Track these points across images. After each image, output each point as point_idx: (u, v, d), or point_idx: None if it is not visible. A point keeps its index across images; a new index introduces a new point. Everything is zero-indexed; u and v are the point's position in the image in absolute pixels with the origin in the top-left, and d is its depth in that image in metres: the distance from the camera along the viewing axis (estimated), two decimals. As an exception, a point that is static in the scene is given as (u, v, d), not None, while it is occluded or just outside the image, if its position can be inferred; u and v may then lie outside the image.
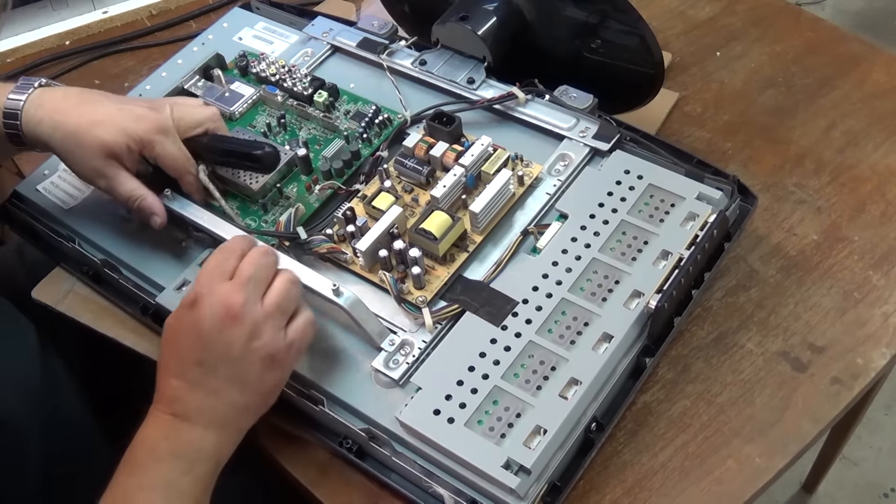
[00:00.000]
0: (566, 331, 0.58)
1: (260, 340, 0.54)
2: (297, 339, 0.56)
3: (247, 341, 0.53)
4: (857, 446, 1.34)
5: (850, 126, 0.79)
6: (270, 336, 0.54)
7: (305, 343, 0.57)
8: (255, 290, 0.54)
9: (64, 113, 0.63)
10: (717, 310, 0.67)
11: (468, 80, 0.75)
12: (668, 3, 0.95)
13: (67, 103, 0.63)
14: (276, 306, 0.55)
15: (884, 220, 0.72)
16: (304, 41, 0.83)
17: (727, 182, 0.65)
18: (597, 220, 0.63)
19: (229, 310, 0.53)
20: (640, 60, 0.72)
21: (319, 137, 0.74)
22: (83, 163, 0.63)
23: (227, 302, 0.53)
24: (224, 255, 0.56)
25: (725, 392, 0.62)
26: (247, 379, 0.54)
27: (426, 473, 0.56)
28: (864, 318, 0.65)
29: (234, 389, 0.54)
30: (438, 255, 0.63)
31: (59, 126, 0.63)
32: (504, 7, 0.74)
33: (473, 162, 0.67)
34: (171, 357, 0.55)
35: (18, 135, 0.64)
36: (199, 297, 0.54)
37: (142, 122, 0.63)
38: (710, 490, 0.58)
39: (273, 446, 0.62)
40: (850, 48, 0.87)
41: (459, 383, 0.56)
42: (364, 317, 0.59)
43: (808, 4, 2.01)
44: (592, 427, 0.56)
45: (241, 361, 0.53)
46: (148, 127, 0.63)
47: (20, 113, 0.63)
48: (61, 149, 0.63)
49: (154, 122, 0.63)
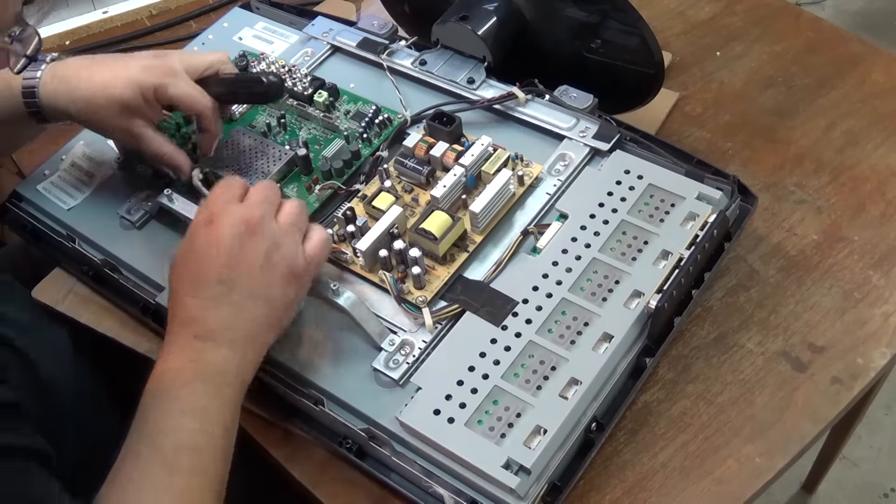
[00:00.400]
0: (566, 331, 0.58)
1: (280, 254, 0.55)
2: (315, 255, 0.57)
3: (267, 255, 0.54)
4: (857, 446, 1.34)
5: (850, 126, 0.79)
6: (290, 250, 0.55)
7: (323, 258, 0.58)
8: (269, 209, 0.56)
9: (76, 80, 0.64)
10: (717, 310, 0.67)
11: (468, 80, 0.75)
12: (668, 3, 0.95)
13: (78, 71, 0.65)
14: (291, 224, 0.57)
15: (884, 220, 0.72)
16: (304, 41, 0.83)
17: (727, 182, 0.65)
18: (597, 219, 0.63)
19: (249, 225, 0.54)
20: (640, 60, 0.72)
21: (319, 137, 0.74)
22: (107, 124, 0.65)
23: (246, 217, 0.54)
24: (229, 184, 0.57)
25: (725, 392, 0.62)
26: (268, 293, 0.54)
27: (426, 473, 0.56)
28: (864, 318, 0.65)
29: (256, 305, 0.54)
30: (438, 255, 0.63)
31: (74, 94, 0.64)
32: (504, 7, 0.74)
33: (473, 162, 0.67)
34: (186, 278, 0.54)
35: (39, 111, 0.65)
36: (215, 216, 0.55)
37: (151, 71, 0.63)
38: (710, 490, 0.58)
39: (273, 446, 0.62)
40: (850, 48, 0.87)
41: (459, 383, 0.56)
42: (364, 317, 0.59)
43: (808, 4, 2.01)
44: (592, 427, 0.56)
45: (262, 276, 0.54)
46: (157, 73, 0.64)
47: (37, 91, 0.64)
48: (83, 116, 0.65)
49: (162, 67, 0.64)
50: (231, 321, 0.53)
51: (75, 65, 0.65)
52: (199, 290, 0.53)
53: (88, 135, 0.76)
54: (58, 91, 0.64)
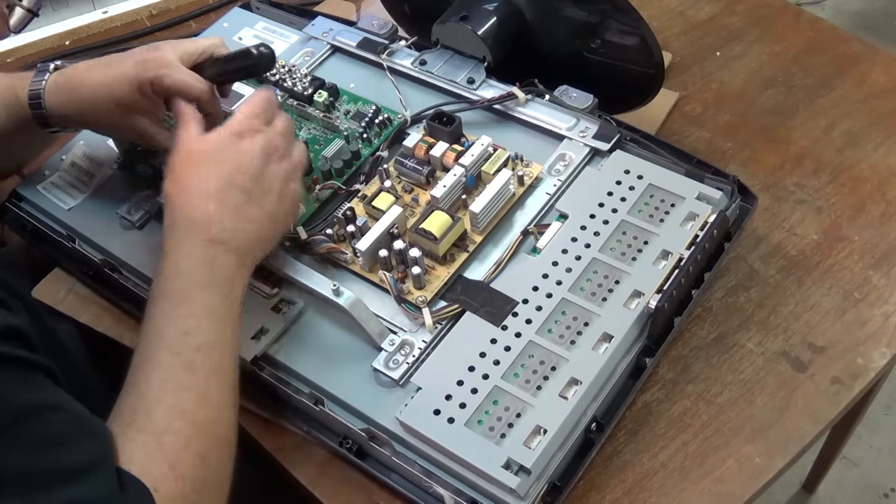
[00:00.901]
0: (566, 331, 0.58)
1: (294, 185, 0.60)
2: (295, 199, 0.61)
3: (285, 182, 0.58)
4: (857, 446, 1.34)
5: (850, 126, 0.79)
6: (298, 183, 0.60)
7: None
8: (290, 141, 0.61)
9: (78, 86, 0.65)
10: (717, 310, 0.67)
11: (468, 80, 0.75)
12: (668, 3, 0.95)
13: (79, 76, 0.65)
14: (301, 161, 0.61)
15: (884, 220, 0.72)
16: (304, 41, 0.83)
17: (727, 182, 0.65)
18: (597, 220, 0.63)
19: (278, 150, 0.58)
20: (640, 60, 0.72)
21: (319, 137, 0.74)
22: (113, 125, 0.66)
23: (276, 143, 0.59)
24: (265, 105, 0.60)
25: (725, 392, 0.62)
26: (277, 214, 0.58)
27: (426, 473, 0.56)
28: (864, 318, 0.65)
29: (267, 221, 0.57)
30: (438, 255, 0.63)
31: (77, 100, 0.65)
32: (504, 7, 0.74)
33: (473, 162, 0.67)
34: (210, 179, 0.56)
35: (46, 120, 0.66)
36: (249, 132, 0.58)
37: (145, 66, 0.64)
38: (710, 490, 0.58)
39: (273, 446, 0.62)
40: (850, 48, 0.87)
41: (459, 383, 0.56)
42: (364, 317, 0.59)
43: (808, 4, 2.01)
44: (592, 427, 0.56)
45: (278, 199, 0.58)
46: (151, 66, 0.64)
47: (42, 99, 0.65)
48: (88, 120, 0.66)
49: (155, 59, 0.64)
50: (243, 231, 0.55)
51: (77, 70, 0.66)
52: (223, 193, 0.55)
53: (88, 135, 0.76)
54: (61, 97, 0.65)
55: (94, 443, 0.46)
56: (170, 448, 0.48)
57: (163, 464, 0.47)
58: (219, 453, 0.50)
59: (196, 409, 0.50)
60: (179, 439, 0.48)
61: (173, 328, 0.52)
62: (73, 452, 0.45)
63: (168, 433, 0.48)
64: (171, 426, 0.49)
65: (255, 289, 0.64)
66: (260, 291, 0.64)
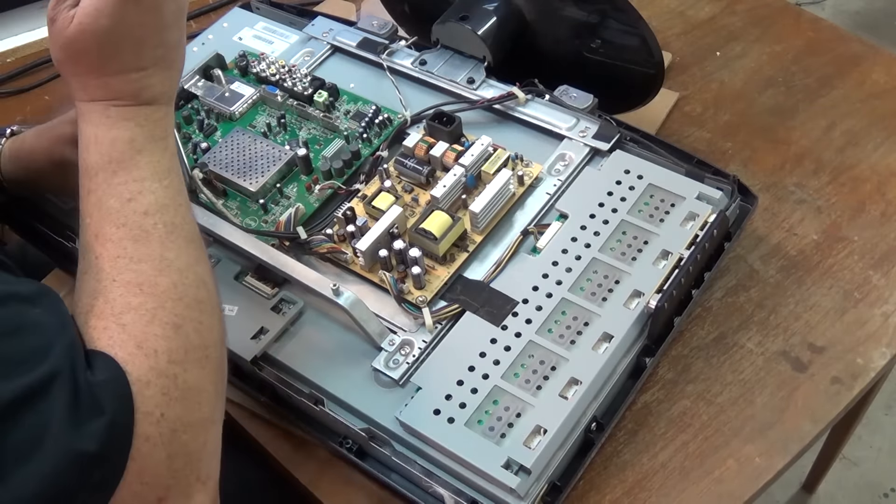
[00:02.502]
0: (566, 331, 0.58)
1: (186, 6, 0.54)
2: None
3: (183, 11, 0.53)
4: (857, 446, 1.34)
5: (850, 126, 0.79)
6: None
7: None
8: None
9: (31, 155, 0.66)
10: (717, 310, 0.67)
11: (468, 80, 0.75)
12: (668, 3, 0.94)
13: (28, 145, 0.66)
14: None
15: (884, 220, 0.72)
16: (304, 41, 0.83)
17: (727, 182, 0.65)
18: (597, 219, 0.63)
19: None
20: (641, 60, 0.72)
21: (319, 137, 0.74)
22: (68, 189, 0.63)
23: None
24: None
25: (725, 392, 0.62)
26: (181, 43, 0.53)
27: (426, 473, 0.56)
28: (864, 318, 0.65)
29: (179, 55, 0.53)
30: (438, 255, 0.63)
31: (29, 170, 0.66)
32: (504, 7, 0.74)
33: (473, 162, 0.67)
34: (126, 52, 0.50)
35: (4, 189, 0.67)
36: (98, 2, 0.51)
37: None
38: (710, 490, 0.58)
39: (273, 446, 0.62)
40: (850, 48, 0.87)
41: (459, 383, 0.56)
42: (364, 317, 0.59)
43: (808, 4, 2.01)
44: (592, 427, 0.56)
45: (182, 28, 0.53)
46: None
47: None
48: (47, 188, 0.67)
49: None
50: (170, 80, 0.52)
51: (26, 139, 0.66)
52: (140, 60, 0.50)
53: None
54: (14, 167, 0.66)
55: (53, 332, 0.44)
56: (133, 326, 0.45)
57: (128, 344, 0.44)
58: (194, 316, 0.47)
59: (155, 278, 0.46)
60: (142, 315, 0.45)
61: (115, 199, 0.48)
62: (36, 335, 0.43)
63: (128, 311, 0.45)
64: (131, 303, 0.45)
65: (255, 289, 0.64)
66: (260, 291, 0.64)
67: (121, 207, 0.48)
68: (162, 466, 0.42)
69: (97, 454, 0.40)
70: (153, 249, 0.47)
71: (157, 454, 0.42)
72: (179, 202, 0.50)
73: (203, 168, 0.69)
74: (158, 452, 0.42)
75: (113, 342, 0.44)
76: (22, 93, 0.96)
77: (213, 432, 0.46)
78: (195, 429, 0.44)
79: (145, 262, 0.47)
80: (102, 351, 0.43)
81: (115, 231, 0.47)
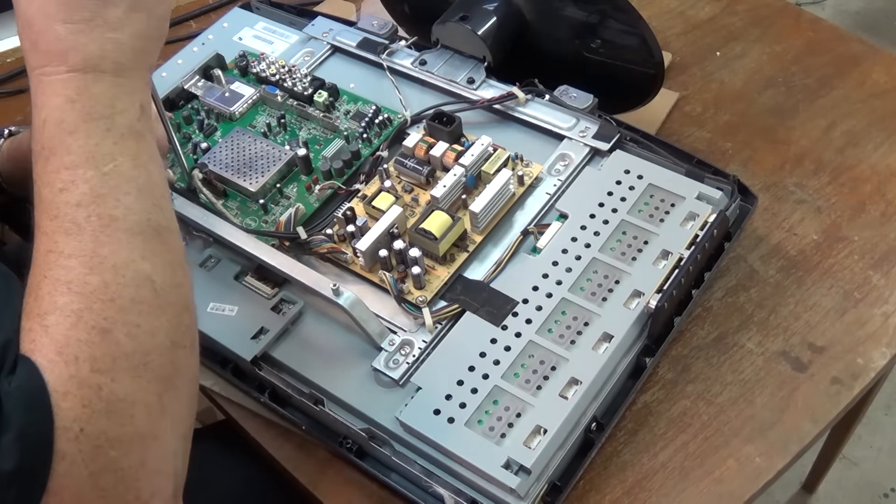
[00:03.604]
0: (566, 331, 0.58)
1: None
2: None
3: None
4: (857, 446, 1.34)
5: (850, 126, 0.79)
6: None
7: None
8: None
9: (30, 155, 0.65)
10: (717, 310, 0.67)
11: (468, 80, 0.75)
12: (668, 3, 0.94)
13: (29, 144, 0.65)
14: None
15: (884, 220, 0.72)
16: (304, 41, 0.83)
17: (727, 182, 0.65)
18: (597, 219, 0.63)
19: None
20: (641, 60, 0.72)
21: (319, 137, 0.74)
22: None
23: None
24: None
25: (725, 392, 0.62)
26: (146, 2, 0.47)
27: (426, 473, 0.56)
28: (864, 318, 0.65)
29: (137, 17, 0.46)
30: (438, 255, 0.63)
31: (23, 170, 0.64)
32: (504, 7, 0.75)
33: (473, 162, 0.67)
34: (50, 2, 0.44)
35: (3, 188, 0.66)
36: None
37: None
38: (710, 490, 0.58)
39: (273, 446, 0.62)
40: (850, 48, 0.87)
41: (459, 383, 0.56)
42: (364, 317, 0.59)
43: (808, 4, 2.01)
44: (592, 427, 0.56)
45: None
46: None
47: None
48: None
49: None
50: (112, 42, 0.45)
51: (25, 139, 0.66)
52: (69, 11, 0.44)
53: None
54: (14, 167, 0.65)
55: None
56: (55, 329, 0.40)
57: (48, 350, 0.39)
58: (129, 319, 0.41)
59: (85, 276, 0.41)
60: (67, 317, 0.40)
61: (48, 189, 0.43)
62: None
63: (53, 312, 0.40)
64: (57, 303, 0.41)
65: (255, 289, 0.64)
66: (260, 291, 0.64)
67: (53, 198, 0.43)
68: (85, 486, 0.38)
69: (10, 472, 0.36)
70: (85, 244, 0.42)
71: (77, 472, 0.38)
72: (126, 190, 0.44)
73: (203, 168, 0.69)
74: (78, 470, 0.38)
75: (35, 346, 0.40)
76: (22, 93, 0.96)
77: (154, 448, 0.41)
78: (126, 445, 0.40)
79: (75, 258, 0.42)
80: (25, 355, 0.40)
81: (49, 224, 0.43)
